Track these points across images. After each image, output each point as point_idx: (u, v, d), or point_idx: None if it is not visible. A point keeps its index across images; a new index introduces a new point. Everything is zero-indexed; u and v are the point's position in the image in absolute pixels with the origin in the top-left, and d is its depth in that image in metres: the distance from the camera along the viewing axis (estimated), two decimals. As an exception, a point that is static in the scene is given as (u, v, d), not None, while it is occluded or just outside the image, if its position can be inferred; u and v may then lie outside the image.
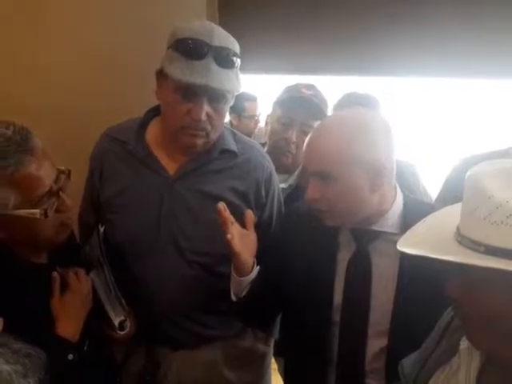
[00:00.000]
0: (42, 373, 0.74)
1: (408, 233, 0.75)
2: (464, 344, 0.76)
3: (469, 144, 3.06)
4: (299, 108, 1.63)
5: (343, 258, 1.14)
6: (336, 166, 1.05)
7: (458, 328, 0.79)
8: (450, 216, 0.70)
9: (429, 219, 0.77)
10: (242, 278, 1.18)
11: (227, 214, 1.15)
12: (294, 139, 1.64)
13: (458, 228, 0.67)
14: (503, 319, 0.64)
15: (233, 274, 1.20)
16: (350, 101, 1.89)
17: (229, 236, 1.12)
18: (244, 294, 1.20)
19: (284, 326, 1.37)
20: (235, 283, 1.21)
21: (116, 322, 1.21)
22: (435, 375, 0.80)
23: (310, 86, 1.68)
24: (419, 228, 0.75)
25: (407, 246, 0.69)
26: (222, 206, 1.15)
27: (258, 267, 1.21)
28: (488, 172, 0.64)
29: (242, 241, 1.16)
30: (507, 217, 0.59)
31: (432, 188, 1.94)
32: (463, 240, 0.64)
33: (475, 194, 0.63)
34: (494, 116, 3.17)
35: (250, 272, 1.19)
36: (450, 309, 0.84)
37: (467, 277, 0.65)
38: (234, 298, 1.22)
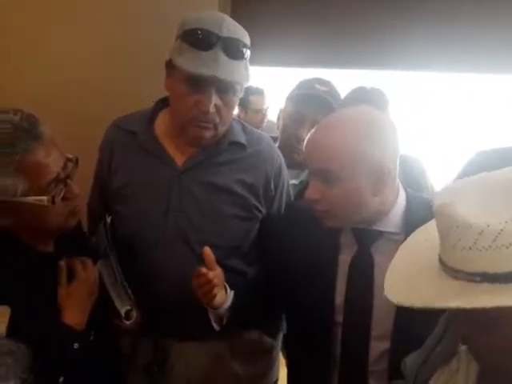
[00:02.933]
0: (26, 373, 0.72)
1: (390, 270, 0.72)
2: (463, 346, 0.75)
3: (478, 139, 3.01)
4: (311, 104, 1.61)
5: (345, 258, 1.11)
6: (340, 166, 1.01)
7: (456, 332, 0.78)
8: (428, 247, 0.68)
9: (408, 248, 0.75)
10: (217, 310, 1.18)
11: (213, 258, 1.15)
12: (305, 136, 1.62)
13: (443, 263, 0.64)
14: (500, 334, 0.62)
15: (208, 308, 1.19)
16: (358, 96, 1.85)
17: (215, 293, 1.13)
18: (225, 321, 1.20)
19: (288, 323, 1.36)
20: (212, 315, 1.20)
21: (122, 311, 1.21)
22: (435, 375, 0.79)
23: (325, 82, 1.65)
24: (400, 262, 0.73)
25: (396, 291, 0.67)
26: (207, 250, 1.15)
27: (232, 292, 1.20)
28: (457, 200, 0.62)
29: (219, 285, 1.16)
30: (493, 240, 0.57)
31: (438, 183, 1.91)
32: (458, 274, 0.62)
33: (451, 225, 0.61)
34: (503, 111, 3.12)
35: (224, 302, 1.18)
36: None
37: (473, 314, 0.62)
38: (216, 327, 1.22)
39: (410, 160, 1.93)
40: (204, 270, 1.12)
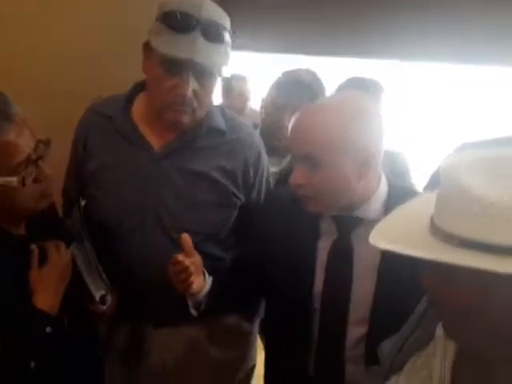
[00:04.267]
0: None
1: (381, 223, 0.73)
2: (440, 330, 0.75)
3: (470, 132, 3.04)
4: (294, 92, 1.60)
5: (325, 245, 1.12)
6: (326, 150, 1.01)
7: (435, 314, 0.78)
8: (425, 206, 0.69)
9: (402, 209, 0.75)
10: (196, 296, 1.16)
11: (191, 245, 1.11)
12: (287, 123, 1.62)
13: (432, 219, 0.65)
14: (475, 315, 0.63)
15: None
16: (353, 85, 1.85)
17: (192, 281, 1.10)
18: (203, 306, 1.18)
19: (267, 308, 1.37)
20: (190, 301, 1.18)
21: (97, 295, 1.20)
22: (412, 359, 0.80)
23: (309, 72, 1.65)
24: (392, 218, 0.74)
25: (379, 239, 0.68)
26: (185, 236, 1.11)
27: (211, 278, 1.18)
28: (463, 163, 0.63)
29: (196, 272, 1.12)
30: (481, 209, 0.57)
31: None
32: (437, 232, 0.63)
33: (450, 185, 0.62)
34: (496, 103, 3.14)
35: (203, 288, 1.16)
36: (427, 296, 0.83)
37: (441, 270, 0.64)
38: (194, 312, 1.20)
39: (396, 156, 1.95)
40: (180, 257, 1.09)
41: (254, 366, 1.55)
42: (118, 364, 1.37)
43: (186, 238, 1.12)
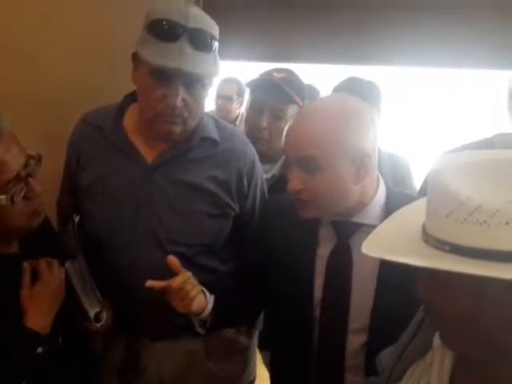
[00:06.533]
0: None
1: (374, 232, 0.72)
2: (437, 340, 0.74)
3: (460, 136, 3.05)
4: (269, 92, 1.58)
5: (323, 252, 1.11)
6: (322, 152, 1.00)
7: (432, 324, 0.78)
8: (418, 213, 0.68)
9: (397, 216, 0.75)
10: (200, 315, 1.15)
11: (179, 265, 1.11)
12: (265, 125, 1.59)
13: (423, 226, 0.65)
14: (473, 322, 0.62)
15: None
16: (351, 86, 1.84)
17: (191, 298, 1.08)
18: (208, 324, 1.17)
19: (267, 319, 1.35)
20: (196, 320, 1.17)
21: (91, 313, 1.18)
22: (409, 370, 0.79)
23: (283, 70, 1.62)
24: (386, 226, 0.73)
25: (372, 247, 0.67)
26: (170, 258, 1.11)
27: (213, 296, 1.17)
28: (450, 168, 0.62)
29: (193, 289, 1.11)
30: (470, 214, 0.57)
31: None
32: (428, 239, 0.62)
33: (438, 191, 0.61)
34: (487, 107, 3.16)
35: (206, 306, 1.15)
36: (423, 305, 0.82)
37: (435, 278, 0.63)
38: (201, 331, 1.19)
39: (398, 159, 1.94)
40: (174, 283, 1.08)
41: (253, 380, 1.53)
42: (115, 378, 1.35)
43: (171, 259, 1.11)
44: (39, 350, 0.98)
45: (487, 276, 0.54)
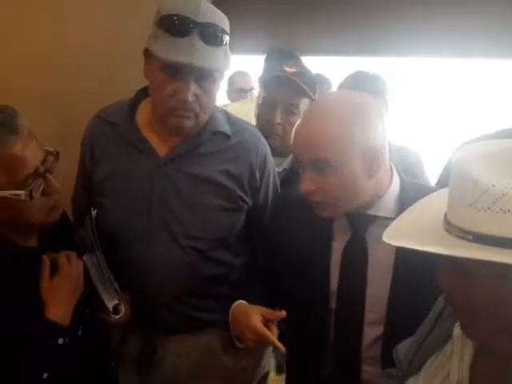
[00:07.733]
0: None
1: (395, 221, 0.72)
2: (457, 331, 0.74)
3: (474, 128, 3.02)
4: (282, 87, 1.57)
5: (338, 244, 1.11)
6: (333, 152, 0.99)
7: (452, 314, 0.78)
8: (439, 202, 0.68)
9: (417, 206, 0.75)
10: None
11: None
12: (279, 120, 1.59)
13: (445, 216, 0.64)
14: (494, 310, 0.62)
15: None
16: (356, 80, 1.83)
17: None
18: None
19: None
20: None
21: (110, 305, 1.20)
22: (429, 361, 0.79)
23: (293, 63, 1.61)
24: (407, 216, 0.73)
25: (394, 236, 0.67)
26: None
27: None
28: (473, 157, 0.62)
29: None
30: (494, 202, 0.56)
31: (434, 173, 1.91)
32: (451, 228, 0.62)
33: (461, 180, 0.61)
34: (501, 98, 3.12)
35: None
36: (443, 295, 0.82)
37: (457, 267, 0.63)
38: (238, 344, 1.19)
39: (407, 151, 1.93)
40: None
41: (267, 373, 1.54)
42: (132, 372, 1.37)
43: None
44: (60, 341, 0.99)
45: (510, 264, 0.54)
